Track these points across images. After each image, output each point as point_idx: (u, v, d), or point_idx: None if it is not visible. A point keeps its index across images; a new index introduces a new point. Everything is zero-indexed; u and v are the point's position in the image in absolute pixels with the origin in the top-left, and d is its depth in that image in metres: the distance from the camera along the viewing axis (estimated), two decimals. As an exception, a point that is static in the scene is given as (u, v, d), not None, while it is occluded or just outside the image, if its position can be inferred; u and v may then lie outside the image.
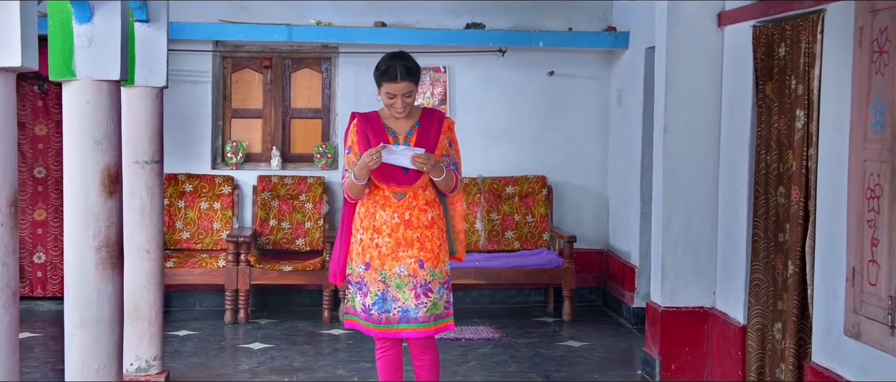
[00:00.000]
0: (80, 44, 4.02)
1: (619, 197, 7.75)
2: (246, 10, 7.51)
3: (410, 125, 4.33)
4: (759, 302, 5.02)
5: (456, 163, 4.39)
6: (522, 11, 7.76)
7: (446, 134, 4.36)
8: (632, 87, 7.35)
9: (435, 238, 4.31)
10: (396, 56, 4.23)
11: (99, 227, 4.11)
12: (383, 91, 4.21)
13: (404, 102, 4.20)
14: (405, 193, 4.26)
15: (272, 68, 7.77)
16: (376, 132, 4.27)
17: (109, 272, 4.17)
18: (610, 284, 7.81)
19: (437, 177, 4.24)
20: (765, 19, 5.00)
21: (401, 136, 4.30)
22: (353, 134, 4.33)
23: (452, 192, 4.38)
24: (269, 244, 7.53)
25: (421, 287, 4.26)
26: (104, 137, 4.10)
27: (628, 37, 7.49)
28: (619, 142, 7.73)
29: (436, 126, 4.33)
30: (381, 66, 4.22)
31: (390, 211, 4.26)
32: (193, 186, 7.49)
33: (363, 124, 4.30)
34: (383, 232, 4.26)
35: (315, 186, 7.58)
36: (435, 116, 4.38)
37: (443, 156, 4.32)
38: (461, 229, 4.49)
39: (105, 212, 4.13)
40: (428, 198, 4.31)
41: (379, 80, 4.23)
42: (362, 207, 4.33)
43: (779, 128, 4.82)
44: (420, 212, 4.29)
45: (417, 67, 4.26)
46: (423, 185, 4.29)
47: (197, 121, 7.61)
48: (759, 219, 5.05)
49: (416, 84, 4.25)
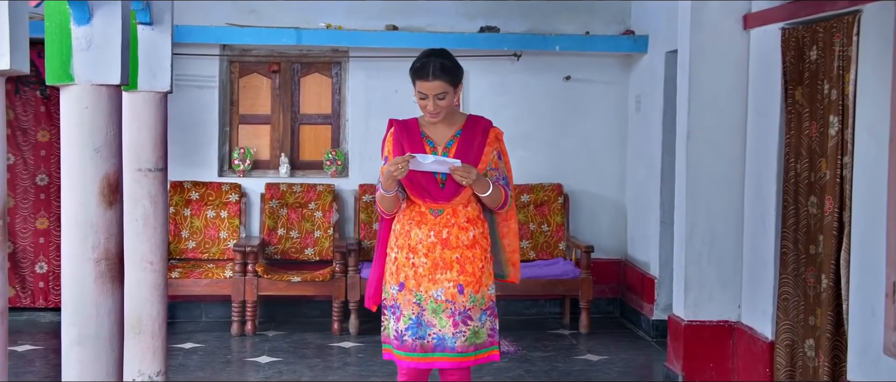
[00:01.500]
0: (79, 46, 3.83)
1: (637, 206, 7.56)
2: (254, 13, 7.36)
3: (451, 133, 3.95)
4: (789, 317, 4.82)
5: (506, 176, 4.00)
6: (538, 15, 7.59)
7: (493, 145, 3.97)
8: (651, 93, 7.17)
9: (476, 259, 3.92)
10: (434, 52, 3.91)
11: (98, 239, 3.92)
12: (416, 90, 3.88)
13: (437, 104, 3.82)
14: (443, 209, 3.91)
15: (281, 73, 7.63)
16: (413, 140, 3.92)
17: (109, 286, 3.98)
18: (628, 295, 7.62)
19: (483, 193, 3.86)
20: (794, 21, 4.81)
21: (440, 146, 3.94)
22: (389, 143, 3.99)
23: (502, 209, 4.00)
24: (277, 253, 7.38)
25: (460, 314, 3.88)
26: (104, 144, 3.90)
27: (647, 40, 7.31)
28: (637, 149, 7.55)
29: (480, 136, 3.94)
30: (415, 63, 3.90)
31: (426, 229, 3.91)
32: (199, 194, 7.34)
33: (400, 132, 3.96)
34: (419, 251, 3.91)
35: (325, 194, 7.42)
36: (480, 125, 3.98)
37: (490, 169, 3.94)
38: (515, 248, 4.09)
39: (104, 223, 3.93)
40: (469, 215, 3.94)
41: (413, 78, 3.90)
42: (398, 224, 4.00)
43: (810, 135, 4.63)
44: (460, 231, 3.91)
45: (457, 67, 3.89)
46: (465, 201, 3.92)
47: (203, 127, 7.46)
48: (788, 230, 4.85)
49: (454, 86, 3.86)
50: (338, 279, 6.94)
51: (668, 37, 6.60)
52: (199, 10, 7.15)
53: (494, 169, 3.95)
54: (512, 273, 4.13)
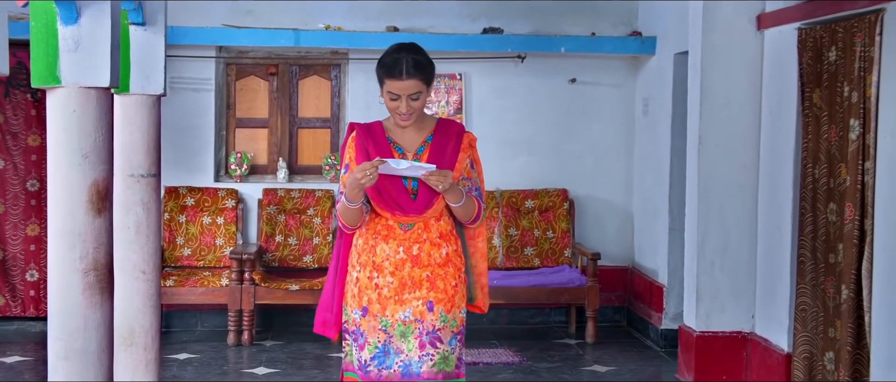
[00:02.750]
0: (66, 47, 3.69)
1: (645, 212, 7.42)
2: (251, 14, 7.23)
3: (422, 139, 3.56)
4: (807, 329, 4.67)
5: (479, 187, 3.60)
6: (543, 15, 7.45)
7: (466, 151, 3.59)
8: (659, 96, 7.03)
9: (449, 277, 3.52)
10: (404, 47, 3.48)
11: (86, 249, 3.78)
12: (385, 90, 3.46)
13: (410, 106, 3.42)
14: (414, 223, 3.49)
15: (278, 75, 7.50)
16: (379, 146, 3.53)
17: (98, 298, 3.83)
18: (635, 304, 7.47)
19: (455, 202, 3.46)
20: (811, 21, 4.67)
21: (409, 153, 3.55)
22: (350, 149, 3.58)
23: (474, 224, 3.60)
24: (274, 261, 7.23)
25: (428, 334, 3.46)
26: (92, 150, 3.76)
27: (655, 42, 7.16)
28: (645, 154, 7.41)
29: (453, 140, 3.55)
30: (384, 60, 3.47)
31: (394, 245, 3.48)
32: (195, 200, 7.20)
33: (363, 137, 3.55)
34: (385, 270, 3.48)
35: (324, 200, 7.28)
36: (453, 129, 3.60)
37: (463, 179, 3.55)
38: (483, 270, 3.68)
39: (93, 232, 3.79)
40: (442, 230, 3.53)
41: (381, 77, 3.48)
42: (360, 239, 3.55)
43: (829, 140, 4.48)
44: (432, 247, 3.50)
45: (430, 64, 3.49)
46: (437, 214, 3.51)
47: (199, 131, 7.33)
48: (805, 238, 4.70)
49: (428, 85, 3.47)
50: (337, 287, 6.77)
51: (678, 38, 6.47)
52: (195, 10, 7.02)
53: (467, 178, 3.57)
54: (479, 297, 3.70)
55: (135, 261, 4.99)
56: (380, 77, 3.48)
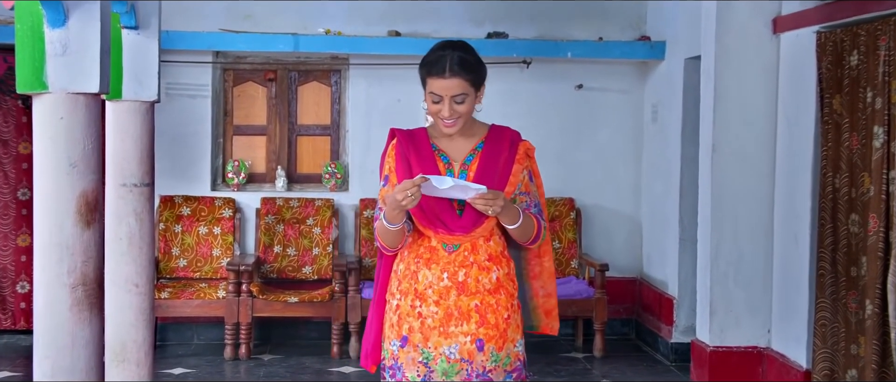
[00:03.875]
0: (53, 51, 3.56)
1: (654, 222, 7.27)
2: (249, 19, 7.11)
3: (471, 147, 3.18)
4: (827, 345, 4.52)
5: (539, 203, 3.22)
6: (549, 20, 7.32)
7: (523, 162, 3.19)
8: (669, 102, 6.89)
9: (501, 307, 3.12)
10: (451, 44, 3.15)
11: (74, 263, 3.63)
12: (427, 91, 3.11)
13: (454, 109, 3.06)
14: (459, 244, 3.11)
15: (277, 81, 7.38)
16: (423, 156, 3.15)
17: (86, 314, 3.68)
18: (644, 316, 7.32)
19: (511, 224, 3.08)
20: (831, 24, 4.53)
21: (457, 163, 3.17)
22: (390, 158, 3.21)
23: (534, 244, 3.20)
24: (273, 272, 7.09)
25: (477, 376, 3.09)
26: (81, 159, 3.62)
27: (664, 46, 7.03)
28: (654, 162, 7.27)
29: (507, 150, 3.16)
30: (426, 57, 3.14)
31: (438, 270, 3.11)
32: (191, 209, 7.07)
33: (405, 145, 3.19)
34: (429, 298, 3.11)
35: (324, 209, 7.15)
36: (506, 137, 3.20)
37: (519, 194, 3.16)
38: (551, 292, 3.31)
39: (81, 245, 3.65)
40: (492, 252, 3.14)
41: (423, 76, 3.13)
42: (401, 263, 3.19)
43: (850, 147, 4.33)
44: (480, 272, 3.11)
45: (480, 63, 3.15)
46: (487, 233, 3.13)
47: (195, 138, 7.20)
48: (825, 250, 4.55)
49: (476, 86, 3.12)
50: (337, 299, 6.66)
51: (688, 42, 6.35)
52: (191, 14, 6.90)
53: (524, 193, 3.17)
54: (546, 323, 3.34)
55: (127, 274, 4.85)
56: (422, 77, 3.14)
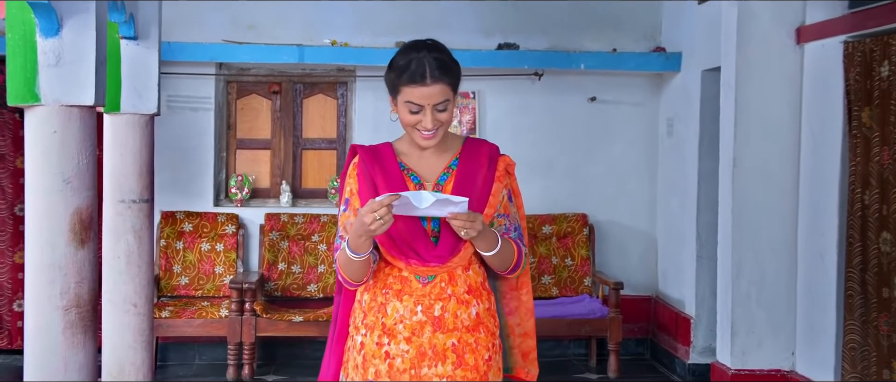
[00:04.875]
0: (46, 61, 3.44)
1: (670, 239, 7.12)
2: (253, 29, 7.00)
3: (444, 164, 2.80)
4: (857, 369, 4.35)
5: (519, 226, 2.84)
6: (561, 31, 7.19)
7: (503, 180, 2.82)
8: (685, 115, 6.74)
9: (481, 346, 2.74)
10: (423, 45, 2.71)
11: (67, 284, 3.50)
12: (401, 100, 2.69)
13: (436, 119, 2.67)
14: (434, 275, 2.72)
15: (282, 94, 7.26)
16: (389, 175, 2.75)
17: (80, 337, 3.54)
18: (659, 336, 7.16)
19: (488, 250, 2.69)
20: (859, 34, 4.38)
21: (429, 184, 2.78)
22: (351, 179, 2.81)
23: (513, 273, 2.80)
24: (277, 290, 6.96)
25: None
26: (75, 175, 3.49)
27: (680, 58, 6.88)
28: (669, 177, 7.12)
29: (486, 167, 2.79)
30: (398, 61, 2.71)
31: (411, 303, 2.71)
32: (193, 225, 6.94)
33: (369, 163, 2.77)
34: (398, 335, 2.72)
35: (329, 225, 7.02)
36: (484, 151, 2.83)
37: (498, 216, 2.80)
38: (529, 330, 2.92)
39: (75, 265, 3.52)
40: (472, 283, 2.76)
41: (394, 84, 2.70)
42: (366, 293, 2.78)
43: (881, 162, 4.17)
44: (459, 305, 2.73)
45: (457, 64, 2.74)
46: (465, 262, 2.75)
47: (198, 152, 7.08)
48: (853, 270, 4.39)
49: (456, 90, 2.73)
50: (343, 318, 6.48)
51: (705, 53, 6.21)
52: (193, 25, 6.80)
53: (503, 215, 2.80)
54: (521, 366, 2.93)
55: (125, 293, 4.73)
56: (393, 84, 2.72)
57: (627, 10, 7.21)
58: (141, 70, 4.71)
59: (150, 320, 4.83)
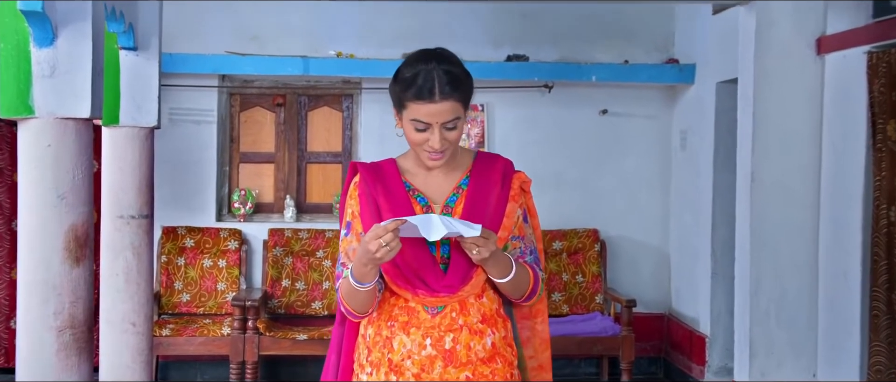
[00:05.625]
0: (40, 72, 3.33)
1: (683, 255, 7.00)
2: (256, 41, 6.92)
3: (454, 183, 2.59)
4: (883, 392, 4.21)
5: (534, 249, 2.62)
6: (571, 42, 7.10)
7: (518, 199, 2.60)
8: (699, 128, 6.63)
9: (498, 379, 2.53)
10: (432, 55, 2.51)
11: (61, 304, 3.38)
12: (407, 117, 2.48)
13: (445, 138, 2.46)
14: (444, 305, 2.50)
15: (286, 106, 7.19)
16: (393, 196, 2.54)
17: (75, 359, 3.42)
18: (673, 354, 7.03)
19: (502, 276, 2.48)
20: (884, 43, 4.27)
21: (437, 206, 2.56)
22: (353, 200, 2.60)
23: (528, 301, 2.59)
24: (281, 307, 6.85)
25: None
26: (70, 190, 3.38)
27: (694, 70, 6.77)
28: (683, 191, 7.01)
29: (499, 185, 2.57)
30: (403, 74, 2.50)
31: (419, 336, 2.49)
32: (195, 241, 6.84)
33: (371, 182, 2.57)
34: (406, 371, 2.49)
35: (334, 241, 6.90)
36: (497, 167, 2.61)
37: (513, 238, 2.58)
38: (545, 362, 2.69)
39: (70, 285, 3.40)
40: (486, 312, 2.54)
41: (400, 98, 2.49)
42: (370, 327, 2.56)
43: (907, 177, 4.04)
44: (472, 337, 2.50)
45: (468, 76, 2.52)
46: (478, 290, 2.53)
47: (200, 166, 7.01)
48: (879, 289, 4.26)
49: (467, 106, 2.52)
50: (348, 337, 6.36)
51: (720, 65, 6.10)
52: (195, 36, 6.74)
53: (519, 237, 2.58)
54: None
55: (123, 312, 4.61)
56: (398, 98, 2.50)
57: (639, 20, 7.12)
58: (141, 82, 4.61)
59: (150, 339, 4.72)
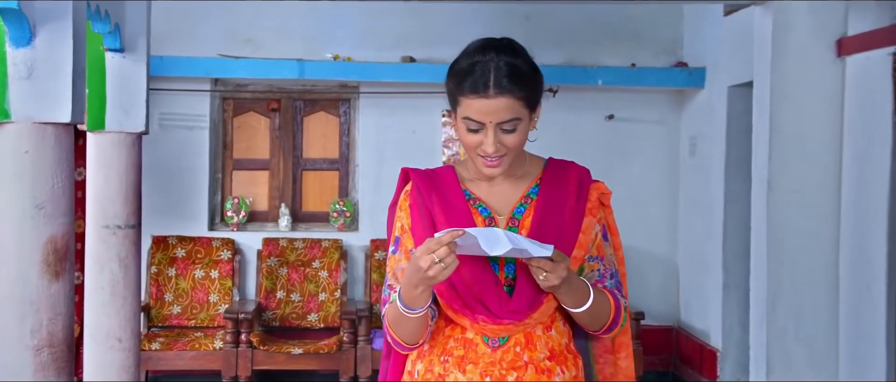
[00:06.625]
0: (17, 74, 3.18)
1: (692, 265, 6.85)
2: (250, 43, 6.82)
3: (521, 193, 2.27)
4: (910, 413, 4.04)
5: (616, 272, 2.28)
6: (577, 45, 6.99)
7: (596, 213, 2.28)
8: (709, 134, 6.48)
9: None
10: (492, 45, 2.17)
11: (39, 321, 3.22)
12: (460, 116, 2.18)
13: (500, 143, 2.15)
14: (508, 336, 2.18)
15: (281, 111, 7.10)
16: (451, 207, 2.24)
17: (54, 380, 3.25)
18: (682, 369, 6.89)
19: (577, 306, 2.15)
20: (910, 45, 4.09)
21: (502, 218, 2.25)
22: (403, 212, 2.30)
23: (609, 333, 2.24)
24: (275, 320, 6.73)
25: None
26: (49, 200, 3.23)
27: (704, 73, 6.63)
28: (692, 199, 6.87)
29: (574, 197, 2.25)
30: (459, 65, 2.18)
31: (477, 374, 2.18)
32: (186, 251, 6.72)
33: (425, 192, 2.27)
34: None
35: (331, 251, 6.79)
36: (572, 176, 2.29)
37: (590, 259, 2.25)
38: None
39: (48, 300, 3.24)
40: (555, 347, 2.21)
41: (453, 93, 2.19)
42: (420, 362, 2.27)
43: (937, 186, 3.87)
44: (539, 375, 2.18)
45: (535, 71, 2.20)
46: (547, 319, 2.21)
47: (191, 173, 6.91)
48: (906, 303, 4.08)
49: (532, 106, 2.19)
50: (346, 350, 6.28)
51: (733, 68, 5.97)
52: (187, 38, 6.64)
53: (597, 257, 2.25)
54: None
55: (109, 328, 4.45)
56: (451, 93, 2.20)
57: (647, 22, 6.99)
58: (128, 85, 4.46)
59: (137, 356, 4.55)
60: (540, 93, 2.21)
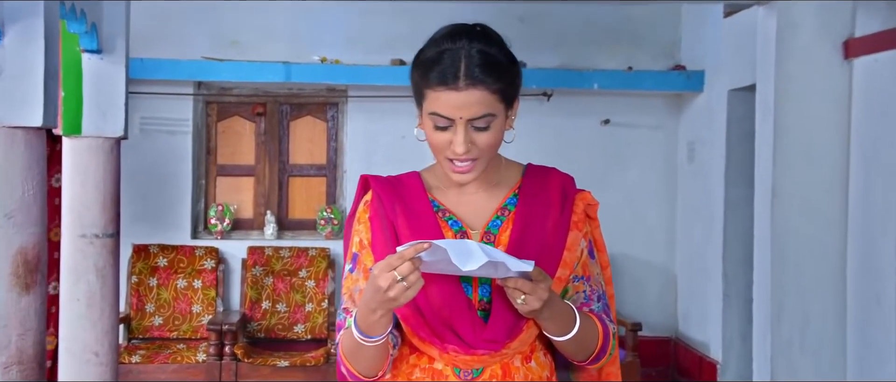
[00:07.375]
0: (-15, 75, 3.03)
1: (691, 275, 6.77)
2: (235, 46, 6.76)
3: (498, 204, 2.01)
4: (922, 430, 3.93)
5: (603, 294, 2.02)
6: (572, 48, 6.93)
7: (582, 226, 2.00)
8: (708, 139, 6.41)
9: None
10: (464, 31, 1.92)
11: (8, 336, 3.12)
12: (426, 110, 1.91)
13: (471, 142, 1.89)
14: (483, 367, 1.92)
15: (266, 115, 7.02)
16: (416, 219, 1.97)
17: (23, 400, 3.12)
18: (681, 381, 6.76)
19: (561, 334, 1.89)
20: (921, 46, 3.98)
21: (475, 232, 1.98)
22: (361, 225, 2.02)
23: (596, 363, 1.97)
24: (260, 331, 6.66)
25: None
26: (19, 208, 3.14)
27: (703, 77, 6.55)
28: (690, 207, 6.80)
29: (557, 208, 1.99)
30: (426, 53, 1.92)
31: None
32: (168, 260, 6.64)
33: (387, 201, 2.00)
34: None
35: (318, 260, 6.71)
36: (555, 184, 2.02)
37: (575, 279, 1.97)
38: None
39: (18, 315, 3.14)
40: (534, 379, 1.95)
41: (419, 85, 1.93)
42: None
43: (951, 193, 3.77)
44: None
45: (511, 61, 1.94)
46: (526, 349, 1.95)
47: (174, 179, 6.82)
48: (918, 315, 3.97)
49: (509, 101, 1.92)
50: (333, 363, 6.11)
51: (734, 71, 5.90)
52: (170, 40, 6.57)
53: (583, 278, 1.98)
54: None
55: (85, 341, 4.33)
56: (417, 85, 1.93)
57: (644, 24, 6.94)
58: (106, 88, 4.36)
59: (115, 371, 4.44)
60: (517, 87, 1.95)
